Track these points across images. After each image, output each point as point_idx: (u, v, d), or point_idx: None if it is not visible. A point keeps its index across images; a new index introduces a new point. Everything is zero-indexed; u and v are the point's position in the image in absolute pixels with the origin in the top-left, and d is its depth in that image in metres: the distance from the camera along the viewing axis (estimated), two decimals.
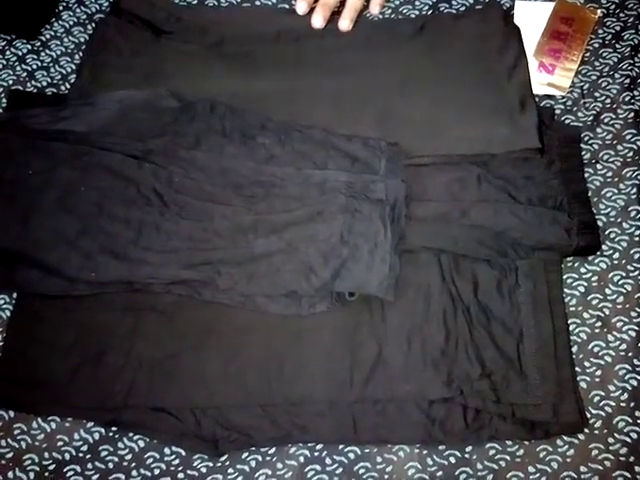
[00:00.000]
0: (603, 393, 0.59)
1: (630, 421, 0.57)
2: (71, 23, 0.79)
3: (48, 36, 0.78)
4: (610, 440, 0.57)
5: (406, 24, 0.74)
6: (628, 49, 0.74)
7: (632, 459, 0.56)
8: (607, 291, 0.63)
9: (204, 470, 0.58)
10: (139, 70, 0.72)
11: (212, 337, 0.60)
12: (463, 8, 0.77)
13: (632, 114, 0.70)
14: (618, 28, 0.76)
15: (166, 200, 0.63)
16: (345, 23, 0.74)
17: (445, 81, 0.70)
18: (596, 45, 0.75)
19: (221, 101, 0.68)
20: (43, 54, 0.77)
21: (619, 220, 0.66)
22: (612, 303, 0.62)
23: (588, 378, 0.59)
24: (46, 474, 0.58)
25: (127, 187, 0.64)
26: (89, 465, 0.58)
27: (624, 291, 0.62)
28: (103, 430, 0.59)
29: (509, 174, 0.66)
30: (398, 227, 0.61)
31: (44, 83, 0.76)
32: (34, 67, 0.77)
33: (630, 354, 0.60)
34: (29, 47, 0.77)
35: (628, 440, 0.57)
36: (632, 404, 0.58)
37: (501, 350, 0.58)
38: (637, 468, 0.55)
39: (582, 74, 0.73)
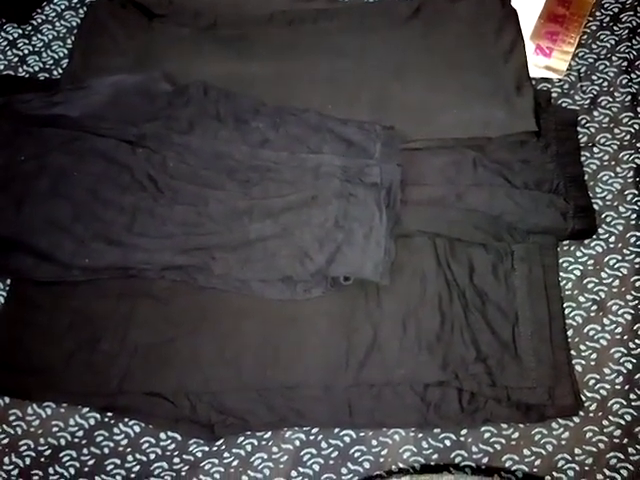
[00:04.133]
0: (598, 376, 0.59)
1: (624, 403, 0.57)
2: (63, 7, 0.78)
3: (39, 20, 0.77)
4: (604, 422, 0.57)
5: (402, 6, 0.73)
6: (626, 31, 0.73)
7: (626, 441, 0.56)
8: (603, 275, 0.63)
9: (200, 455, 0.58)
10: (132, 54, 0.71)
11: (207, 322, 0.60)
12: None
13: (629, 97, 0.70)
14: (616, 10, 0.75)
15: (160, 185, 0.63)
16: None
17: (441, 64, 0.69)
18: (594, 27, 0.74)
19: (215, 85, 0.67)
20: (35, 38, 0.76)
21: (615, 204, 0.65)
22: (608, 287, 0.62)
23: (583, 361, 0.59)
24: (42, 459, 0.58)
25: (121, 172, 0.63)
26: (85, 450, 0.58)
27: (620, 275, 0.62)
28: (98, 415, 0.59)
29: (505, 158, 0.65)
30: (393, 211, 0.61)
31: (36, 68, 0.75)
32: (26, 52, 0.76)
33: (625, 337, 0.60)
34: (20, 31, 0.77)
35: (622, 422, 0.57)
36: (627, 387, 0.58)
37: (496, 334, 0.58)
38: (630, 449, 0.56)
39: (579, 57, 0.73)
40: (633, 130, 0.68)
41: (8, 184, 0.63)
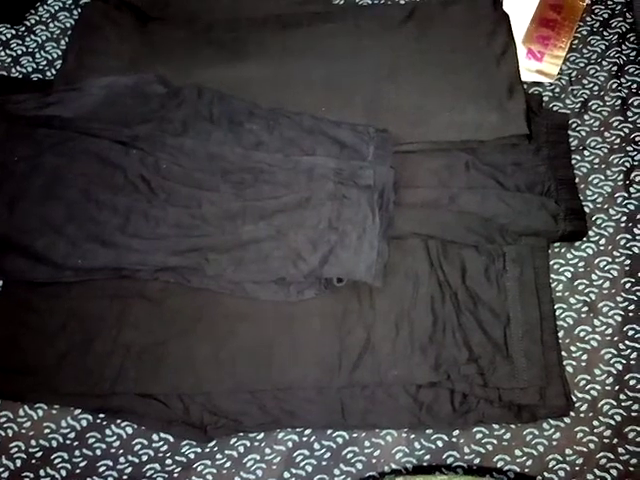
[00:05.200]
0: (589, 377, 0.59)
1: (615, 404, 0.58)
2: (57, 8, 0.78)
3: (33, 21, 0.77)
4: (595, 423, 0.57)
5: (395, 10, 0.74)
6: (616, 37, 0.74)
7: (616, 441, 0.56)
8: (593, 276, 0.63)
9: (192, 456, 0.58)
10: (126, 56, 0.71)
11: (201, 323, 0.60)
12: None
13: (619, 101, 0.70)
14: (606, 15, 0.76)
15: (153, 186, 0.63)
16: None
17: (434, 68, 0.70)
18: (584, 32, 0.75)
19: (209, 87, 0.68)
20: (28, 39, 0.76)
21: (605, 206, 0.66)
22: (598, 288, 0.63)
23: (574, 362, 0.60)
24: (33, 461, 0.58)
25: (114, 174, 0.63)
26: (76, 452, 0.58)
27: (610, 276, 0.63)
28: (90, 417, 0.59)
29: (497, 161, 0.66)
30: (386, 213, 0.61)
31: (29, 69, 0.75)
32: (19, 52, 0.76)
33: (616, 338, 0.60)
34: (13, 32, 0.76)
35: (612, 423, 0.57)
36: (617, 387, 0.59)
37: (488, 335, 0.59)
38: (620, 450, 0.56)
39: (570, 61, 0.73)
40: (623, 134, 0.69)
41: (1, 185, 0.63)
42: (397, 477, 0.54)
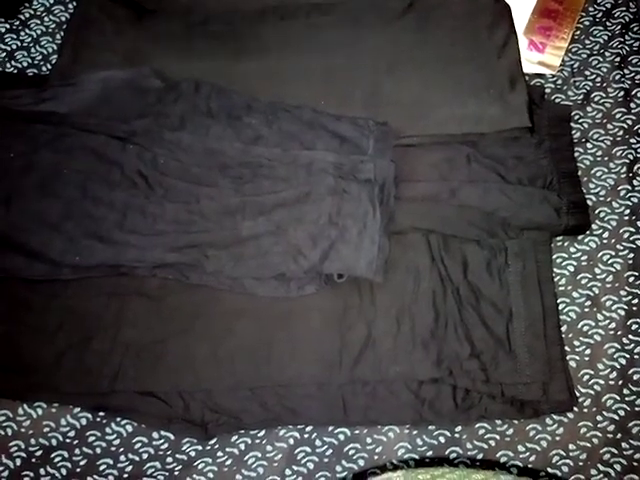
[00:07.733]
0: (592, 372, 0.59)
1: (618, 399, 0.57)
2: (52, 1, 0.77)
3: (27, 15, 0.76)
4: (598, 418, 0.57)
5: (395, 1, 0.73)
6: (619, 27, 0.73)
7: (619, 436, 0.56)
8: (596, 270, 0.62)
9: (193, 454, 0.57)
10: (122, 49, 0.71)
11: (200, 320, 0.60)
12: None
13: (622, 93, 0.70)
14: (609, 5, 0.75)
15: (151, 182, 0.62)
16: None
17: (434, 60, 0.69)
18: (587, 23, 0.74)
19: (206, 81, 0.67)
20: (23, 34, 0.75)
21: (609, 199, 0.65)
22: (601, 282, 0.62)
23: (577, 357, 0.59)
24: (33, 460, 0.57)
25: (111, 169, 0.63)
26: (76, 451, 0.57)
27: (613, 270, 0.62)
28: (90, 415, 0.59)
29: (499, 154, 0.65)
30: (387, 208, 0.60)
31: (24, 64, 0.74)
32: (14, 47, 0.75)
33: (619, 333, 0.60)
34: (7, 26, 0.75)
35: (616, 417, 0.57)
36: (620, 382, 0.58)
37: (490, 330, 0.58)
38: (624, 444, 0.56)
39: (572, 52, 0.73)
40: (626, 126, 0.68)
41: None
42: (399, 470, 0.54)
